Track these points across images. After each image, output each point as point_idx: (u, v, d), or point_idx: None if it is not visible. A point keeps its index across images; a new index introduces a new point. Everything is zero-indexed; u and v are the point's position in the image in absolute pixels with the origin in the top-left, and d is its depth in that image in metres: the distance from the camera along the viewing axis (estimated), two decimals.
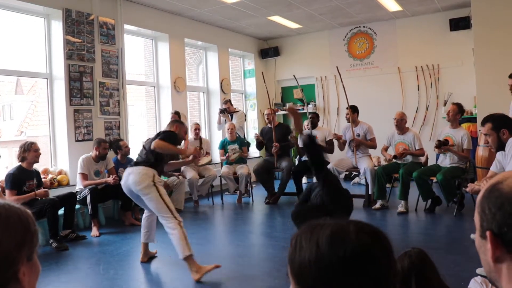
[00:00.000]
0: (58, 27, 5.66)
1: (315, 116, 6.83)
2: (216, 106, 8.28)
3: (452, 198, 5.28)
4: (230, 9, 7.21)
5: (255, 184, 7.75)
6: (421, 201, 5.46)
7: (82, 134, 5.84)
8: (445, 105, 7.77)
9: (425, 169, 5.53)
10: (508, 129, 3.31)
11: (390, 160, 5.83)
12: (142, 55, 8.66)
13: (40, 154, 4.68)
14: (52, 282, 3.48)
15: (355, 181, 8.00)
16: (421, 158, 5.87)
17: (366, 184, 6.02)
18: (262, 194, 6.97)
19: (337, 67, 6.90)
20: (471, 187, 3.39)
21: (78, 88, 5.79)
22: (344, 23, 8.64)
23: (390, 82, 8.47)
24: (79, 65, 5.81)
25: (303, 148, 5.28)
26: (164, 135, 3.70)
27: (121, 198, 5.17)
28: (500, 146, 3.36)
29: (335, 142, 6.41)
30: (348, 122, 6.22)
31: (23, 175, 4.54)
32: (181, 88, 7.44)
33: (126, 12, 6.48)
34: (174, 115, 6.41)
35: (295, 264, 0.78)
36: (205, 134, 8.38)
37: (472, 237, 4.05)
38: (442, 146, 5.26)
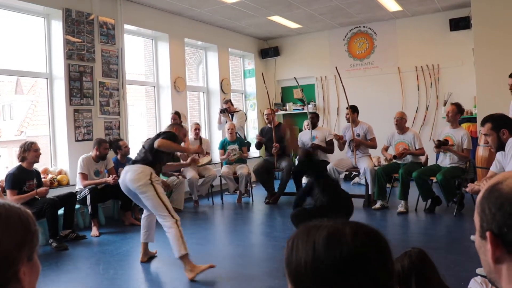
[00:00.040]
0: (58, 27, 5.66)
1: (315, 116, 6.83)
2: (216, 106, 8.28)
3: (452, 198, 5.28)
4: (230, 9, 7.21)
5: (255, 184, 7.74)
6: (421, 201, 5.46)
7: (82, 134, 5.84)
8: (445, 105, 7.76)
9: (425, 169, 5.53)
10: (508, 129, 3.31)
11: (391, 159, 5.83)
12: (142, 55, 8.66)
13: (40, 154, 4.68)
14: (52, 282, 3.48)
15: (355, 181, 8.00)
16: (421, 158, 5.87)
17: (366, 184, 6.02)
18: (262, 194, 6.97)
19: (336, 68, 6.89)
20: (471, 187, 3.39)
21: (78, 88, 5.79)
22: (344, 23, 8.64)
23: (390, 82, 8.47)
24: (79, 65, 5.81)
25: (301, 163, 5.38)
26: (166, 135, 3.73)
27: (121, 198, 5.17)
28: (500, 146, 3.36)
29: (335, 142, 6.41)
30: (348, 122, 6.22)
31: (24, 175, 4.54)
32: (181, 88, 7.44)
33: (126, 12, 6.48)
34: (175, 116, 6.41)
35: (292, 265, 0.78)
36: (205, 134, 8.38)
37: (472, 238, 4.05)
38: (442, 146, 5.26)
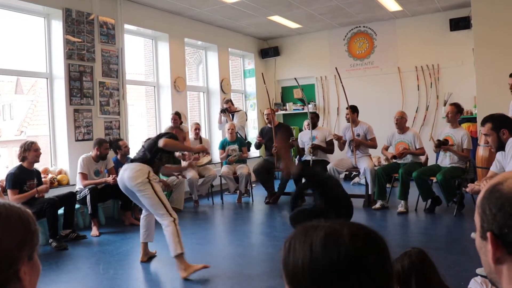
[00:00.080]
0: (58, 27, 5.66)
1: (315, 116, 6.82)
2: (216, 106, 8.28)
3: (452, 198, 5.28)
4: (230, 9, 7.21)
5: (255, 184, 7.74)
6: (421, 201, 5.46)
7: (82, 133, 5.84)
8: (445, 105, 7.76)
9: (425, 169, 5.53)
10: (508, 129, 3.31)
11: (391, 159, 5.83)
12: (142, 55, 8.66)
13: (40, 154, 4.68)
14: (52, 282, 3.48)
15: (355, 181, 8.00)
16: (421, 157, 5.87)
17: (366, 184, 6.02)
18: (262, 194, 6.97)
19: (336, 68, 6.89)
20: (471, 187, 3.39)
21: (78, 87, 5.79)
22: (344, 23, 8.64)
23: (390, 82, 8.47)
24: (79, 64, 5.81)
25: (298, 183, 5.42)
26: (168, 135, 3.76)
27: (121, 198, 5.16)
28: (500, 146, 3.36)
29: (335, 142, 6.41)
30: (348, 122, 6.22)
31: (24, 175, 4.54)
32: (181, 88, 7.44)
33: (126, 11, 6.48)
34: (175, 116, 6.39)
35: (289, 266, 0.77)
36: (205, 134, 8.38)
37: (472, 235, 4.05)
38: (442, 145, 5.26)
